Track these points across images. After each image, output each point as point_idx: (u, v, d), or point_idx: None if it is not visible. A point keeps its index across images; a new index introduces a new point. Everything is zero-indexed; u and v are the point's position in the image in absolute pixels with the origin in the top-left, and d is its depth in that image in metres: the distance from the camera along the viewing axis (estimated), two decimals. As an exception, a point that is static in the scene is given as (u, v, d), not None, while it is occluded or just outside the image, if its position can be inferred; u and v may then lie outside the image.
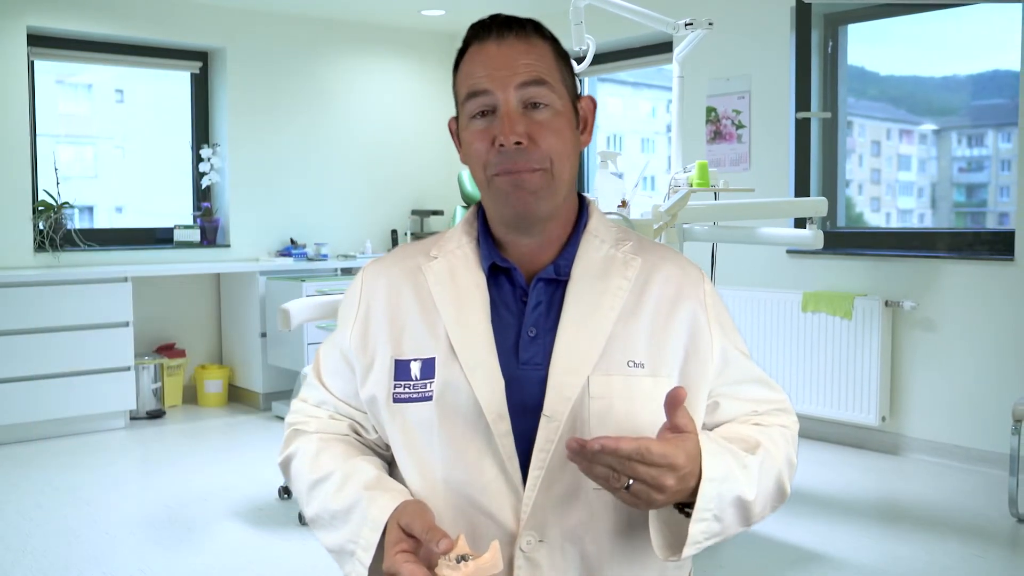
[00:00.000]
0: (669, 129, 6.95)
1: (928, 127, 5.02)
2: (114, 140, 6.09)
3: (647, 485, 1.09)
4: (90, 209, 5.90)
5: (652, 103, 6.80)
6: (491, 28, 1.26)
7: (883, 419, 4.56)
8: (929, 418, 4.48)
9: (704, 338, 1.29)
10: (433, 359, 1.26)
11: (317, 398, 1.40)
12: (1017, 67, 4.24)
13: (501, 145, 1.22)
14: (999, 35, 4.59)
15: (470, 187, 4.56)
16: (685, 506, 1.17)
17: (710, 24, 3.35)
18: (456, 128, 1.33)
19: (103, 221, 5.96)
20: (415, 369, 1.26)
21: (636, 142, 6.87)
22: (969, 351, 4.34)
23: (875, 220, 5.17)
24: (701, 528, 1.15)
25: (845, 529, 3.58)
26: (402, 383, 1.27)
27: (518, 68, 1.23)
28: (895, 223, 5.11)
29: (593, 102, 1.33)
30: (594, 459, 1.08)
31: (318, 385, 1.39)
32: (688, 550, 1.16)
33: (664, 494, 1.11)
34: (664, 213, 3.11)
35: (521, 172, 1.22)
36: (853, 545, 3.42)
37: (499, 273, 1.30)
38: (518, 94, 1.23)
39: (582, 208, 1.35)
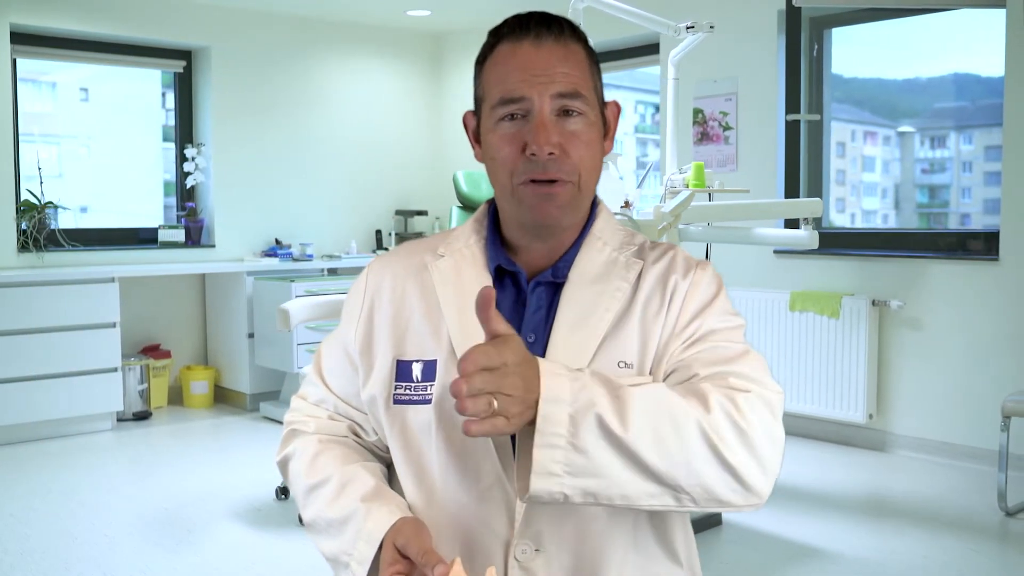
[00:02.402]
0: (637, 130, 7.04)
1: (906, 128, 5.11)
2: (79, 139, 6.01)
3: (501, 395, 0.99)
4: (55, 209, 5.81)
5: (621, 103, 6.85)
6: (528, 27, 1.21)
7: (870, 416, 4.63)
8: (915, 415, 4.56)
9: (671, 317, 1.23)
10: (435, 361, 1.24)
11: (317, 396, 1.38)
12: (976, 70, 4.35)
13: (532, 154, 1.18)
14: (960, 38, 4.70)
15: (466, 187, 4.56)
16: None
17: (711, 27, 3.40)
18: (475, 125, 1.28)
19: (68, 221, 5.84)
20: (417, 371, 1.24)
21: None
22: (955, 349, 4.42)
23: (840, 220, 5.25)
24: (553, 456, 1.02)
25: (840, 525, 3.64)
26: (403, 384, 1.25)
27: (556, 76, 1.18)
28: (859, 223, 5.21)
29: (618, 107, 1.31)
30: (466, 397, 0.98)
31: (319, 382, 1.37)
32: (538, 481, 1.02)
33: (513, 399, 1.00)
34: (668, 214, 3.14)
35: (551, 184, 1.19)
36: (849, 540, 3.48)
37: (504, 276, 1.28)
38: (553, 103, 1.19)
39: (592, 209, 1.32)
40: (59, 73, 5.91)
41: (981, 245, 4.43)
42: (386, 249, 6.46)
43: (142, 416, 5.47)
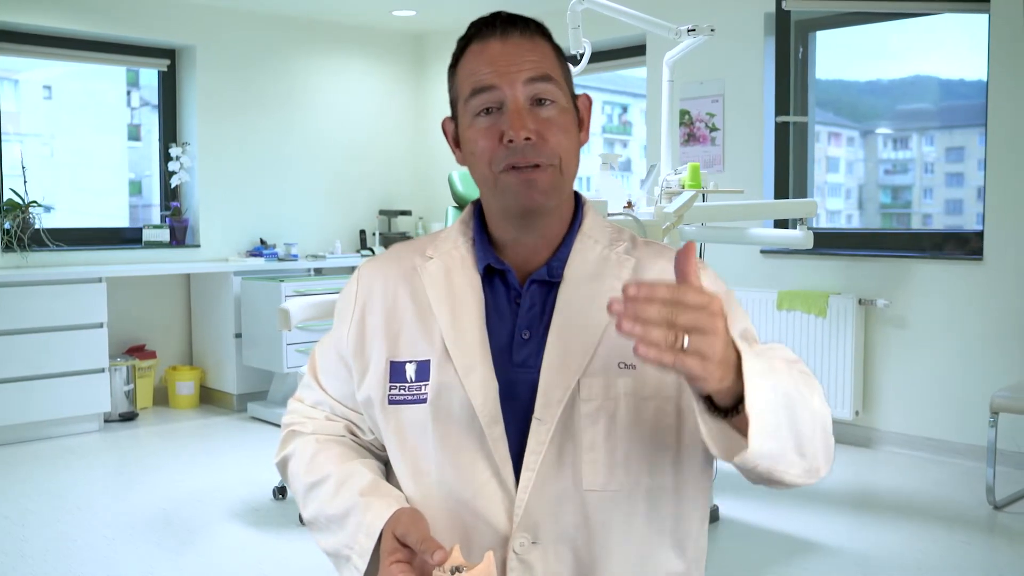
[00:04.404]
0: (604, 130, 7.08)
1: (884, 130, 5.20)
2: (41, 138, 5.92)
3: (701, 334, 0.94)
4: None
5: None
6: (495, 25, 1.25)
7: (856, 413, 4.72)
8: (901, 412, 4.65)
9: None
10: (428, 361, 1.26)
11: (313, 398, 1.40)
12: (938, 73, 4.44)
13: (510, 141, 1.20)
14: (925, 42, 4.79)
15: (461, 188, 4.59)
16: (731, 412, 1.05)
17: (712, 30, 3.45)
18: (453, 129, 1.31)
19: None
20: (410, 371, 1.27)
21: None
22: (939, 347, 4.52)
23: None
24: (765, 400, 1.00)
25: (833, 519, 3.71)
26: (397, 385, 1.27)
27: (524, 64, 1.22)
28: (824, 224, 5.30)
29: (589, 100, 1.32)
30: (641, 312, 0.92)
31: (314, 385, 1.39)
32: (757, 422, 0.99)
33: (720, 338, 0.95)
34: (672, 214, 3.19)
35: (531, 169, 1.21)
36: (843, 534, 3.55)
37: (494, 275, 1.30)
38: (526, 90, 1.22)
39: (578, 207, 1.34)
40: (23, 71, 5.81)
41: (965, 245, 4.52)
42: (370, 249, 6.45)
43: (128, 417, 5.43)
